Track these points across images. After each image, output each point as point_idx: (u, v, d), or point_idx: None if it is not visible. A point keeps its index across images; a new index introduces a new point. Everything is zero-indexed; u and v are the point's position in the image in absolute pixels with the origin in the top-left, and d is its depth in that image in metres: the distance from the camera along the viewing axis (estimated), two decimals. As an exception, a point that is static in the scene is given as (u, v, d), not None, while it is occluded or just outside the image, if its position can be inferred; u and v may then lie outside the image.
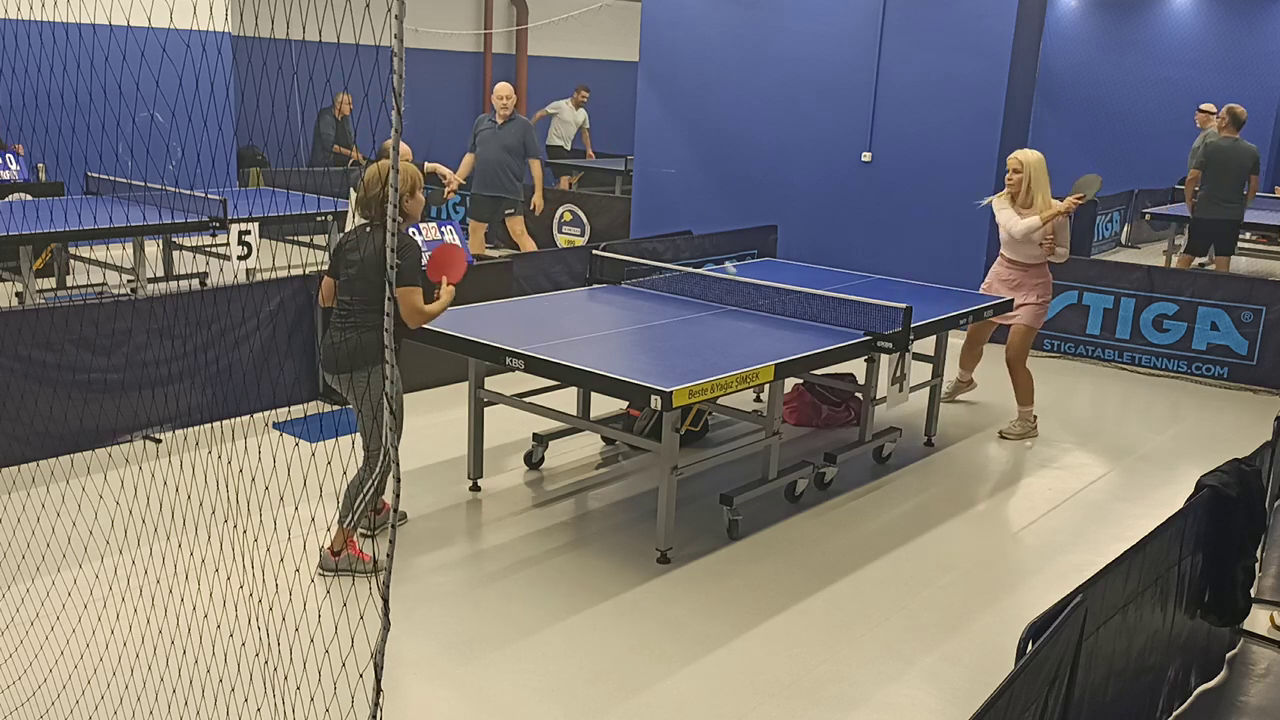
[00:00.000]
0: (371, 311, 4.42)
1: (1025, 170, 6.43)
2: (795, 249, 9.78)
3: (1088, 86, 16.17)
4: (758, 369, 4.78)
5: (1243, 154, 10.01)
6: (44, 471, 5.32)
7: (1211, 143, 10.19)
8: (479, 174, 9.29)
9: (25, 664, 3.71)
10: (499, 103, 9.17)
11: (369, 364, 4.42)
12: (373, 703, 2.56)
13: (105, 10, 7.32)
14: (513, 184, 9.29)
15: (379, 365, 4.36)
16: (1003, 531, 5.42)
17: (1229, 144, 10.05)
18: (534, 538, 5.09)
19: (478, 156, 9.27)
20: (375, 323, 4.38)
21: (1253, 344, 8.03)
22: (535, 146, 9.38)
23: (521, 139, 9.24)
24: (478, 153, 9.27)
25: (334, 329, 4.53)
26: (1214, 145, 10.13)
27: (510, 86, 9.30)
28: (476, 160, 9.26)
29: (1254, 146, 10.13)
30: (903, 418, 6.67)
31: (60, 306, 5.68)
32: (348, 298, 4.51)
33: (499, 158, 9.20)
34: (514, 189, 9.31)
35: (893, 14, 9.22)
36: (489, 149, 9.21)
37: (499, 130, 9.18)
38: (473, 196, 9.45)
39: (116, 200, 8.73)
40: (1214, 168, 10.08)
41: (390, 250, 2.51)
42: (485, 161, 9.23)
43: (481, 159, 9.25)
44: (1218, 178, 10.08)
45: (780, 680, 3.97)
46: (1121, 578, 3.02)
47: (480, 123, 9.37)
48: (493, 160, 9.20)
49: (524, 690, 3.84)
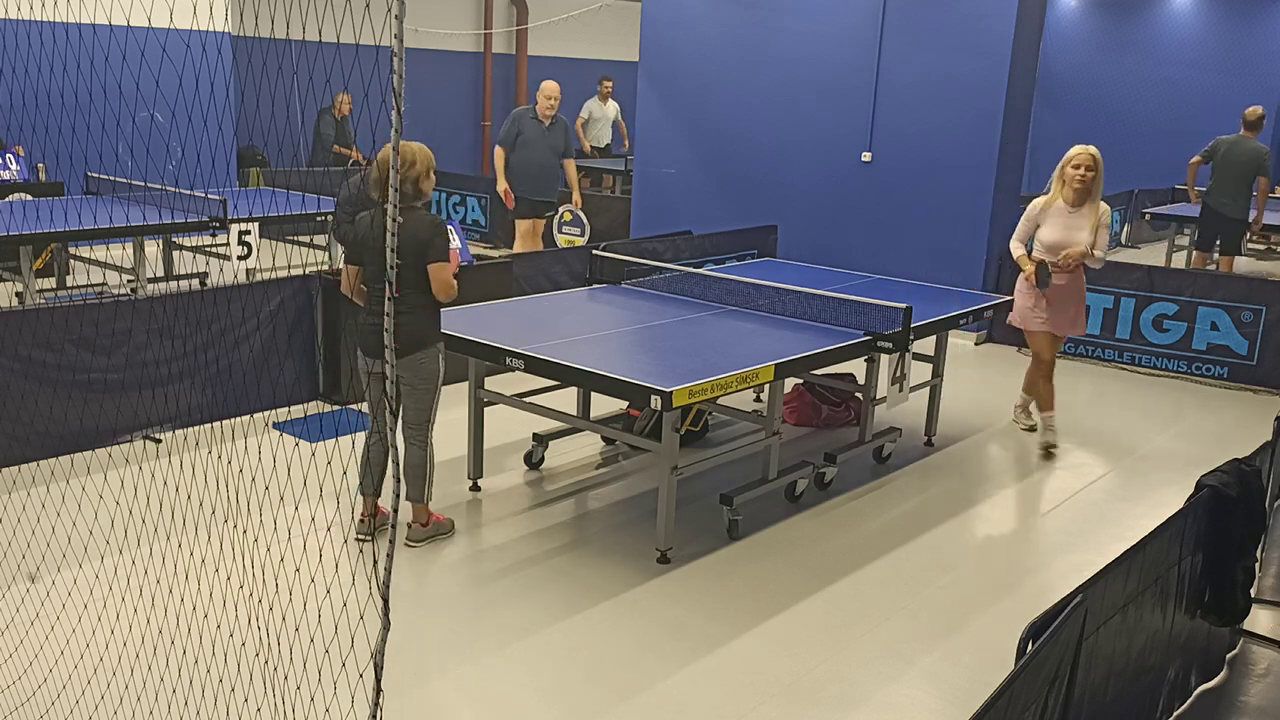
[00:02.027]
0: (416, 293, 4.63)
1: (1099, 167, 6.07)
2: (795, 249, 9.78)
3: (1088, 86, 16.17)
4: (758, 369, 4.78)
5: (1247, 152, 10.00)
6: (44, 471, 5.32)
7: (1221, 138, 10.22)
8: (527, 177, 9.04)
9: (25, 664, 3.70)
10: (547, 103, 8.90)
11: (427, 344, 4.70)
12: (373, 703, 2.56)
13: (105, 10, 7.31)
14: (557, 187, 9.14)
15: (435, 344, 4.73)
16: (1002, 532, 5.42)
17: (1234, 140, 10.07)
18: (534, 538, 5.09)
19: (523, 159, 8.98)
20: (424, 302, 4.65)
21: (1253, 344, 8.03)
22: (573, 147, 9.24)
23: (565, 140, 9.07)
24: (523, 155, 8.98)
25: (376, 315, 4.65)
26: (1221, 140, 10.16)
27: (558, 86, 9.01)
28: (520, 162, 8.99)
29: (1262, 147, 10.10)
30: (903, 418, 6.67)
31: (60, 306, 5.68)
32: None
33: (548, 161, 9.00)
34: (556, 192, 9.17)
35: (893, 14, 9.22)
36: (537, 152, 8.97)
37: (547, 132, 8.93)
38: (517, 198, 9.17)
39: (116, 200, 8.73)
40: (1217, 162, 10.11)
41: (390, 234, 2.51)
42: (534, 165, 8.99)
43: (530, 162, 8.98)
44: (1220, 173, 10.11)
45: (780, 680, 3.97)
46: (1121, 578, 3.02)
47: (521, 120, 9.07)
48: (543, 164, 8.99)
49: (524, 690, 3.84)
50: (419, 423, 4.80)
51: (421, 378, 4.73)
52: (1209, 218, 10.35)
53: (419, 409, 4.78)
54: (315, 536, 4.80)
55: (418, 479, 4.85)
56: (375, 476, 4.89)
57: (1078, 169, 6.06)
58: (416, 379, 4.72)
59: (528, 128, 9.04)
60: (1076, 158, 6.09)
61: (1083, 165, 6.06)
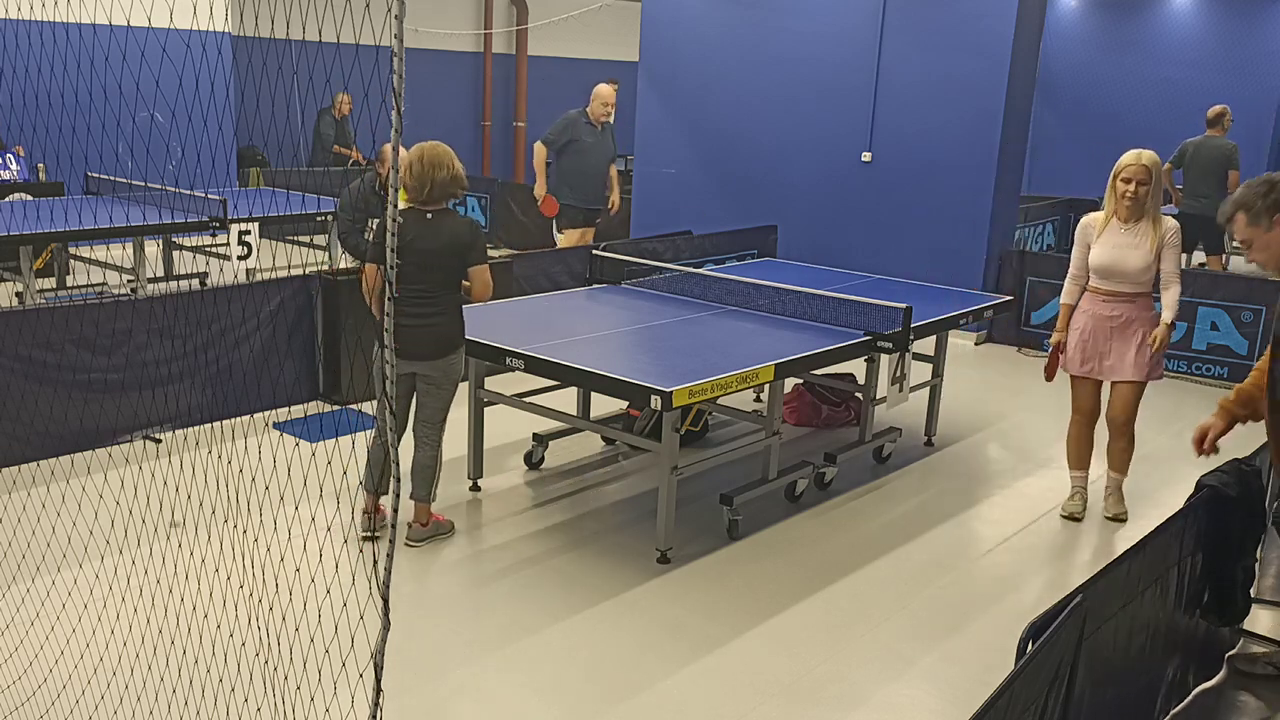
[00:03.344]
0: (451, 294, 4.71)
1: (1153, 178, 5.16)
2: (795, 249, 9.78)
3: (1088, 86, 16.16)
4: (758, 369, 4.78)
5: (1214, 149, 10.05)
6: (44, 471, 5.31)
7: (1188, 140, 10.26)
8: (582, 185, 8.68)
9: (25, 664, 3.70)
10: (603, 109, 8.56)
11: (458, 345, 4.79)
12: (373, 703, 2.56)
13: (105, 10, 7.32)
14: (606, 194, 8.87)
15: (463, 345, 4.82)
16: (1003, 531, 5.42)
17: (1200, 141, 10.13)
18: (534, 538, 5.09)
19: (577, 166, 8.62)
20: (457, 304, 4.76)
21: (1253, 344, 8.03)
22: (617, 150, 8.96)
23: (615, 143, 8.79)
24: (578, 162, 8.61)
25: (411, 316, 4.61)
26: (1188, 143, 10.23)
27: (614, 89, 8.67)
28: (575, 169, 8.63)
29: (1230, 143, 10.13)
30: (903, 418, 6.67)
31: (60, 306, 5.68)
32: (422, 285, 4.63)
33: (603, 168, 8.69)
34: (606, 199, 8.89)
35: (893, 14, 9.22)
36: (594, 159, 8.63)
37: (601, 138, 8.63)
38: (567, 206, 8.75)
39: (116, 200, 8.73)
40: (1186, 164, 10.16)
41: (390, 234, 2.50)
42: (589, 172, 8.65)
43: (585, 169, 8.64)
44: (1190, 175, 10.15)
45: (780, 680, 3.97)
46: (1121, 578, 3.02)
47: (577, 126, 8.62)
48: (598, 171, 8.68)
49: (524, 690, 3.84)
50: (436, 422, 4.84)
51: (450, 378, 4.79)
52: (1184, 221, 10.36)
53: (439, 408, 4.82)
54: (315, 536, 4.80)
55: (427, 479, 4.87)
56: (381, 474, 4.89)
57: (1127, 183, 5.15)
58: (445, 379, 4.77)
59: (584, 133, 8.60)
60: (1126, 169, 5.17)
61: (1133, 179, 5.13)
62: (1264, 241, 3.50)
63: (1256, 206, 3.47)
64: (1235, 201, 3.53)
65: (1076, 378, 5.47)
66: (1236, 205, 3.53)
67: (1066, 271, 5.45)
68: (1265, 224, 3.47)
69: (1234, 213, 3.54)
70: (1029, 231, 11.45)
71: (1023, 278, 8.94)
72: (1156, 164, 5.19)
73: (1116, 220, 5.25)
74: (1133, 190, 5.14)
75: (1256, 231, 3.50)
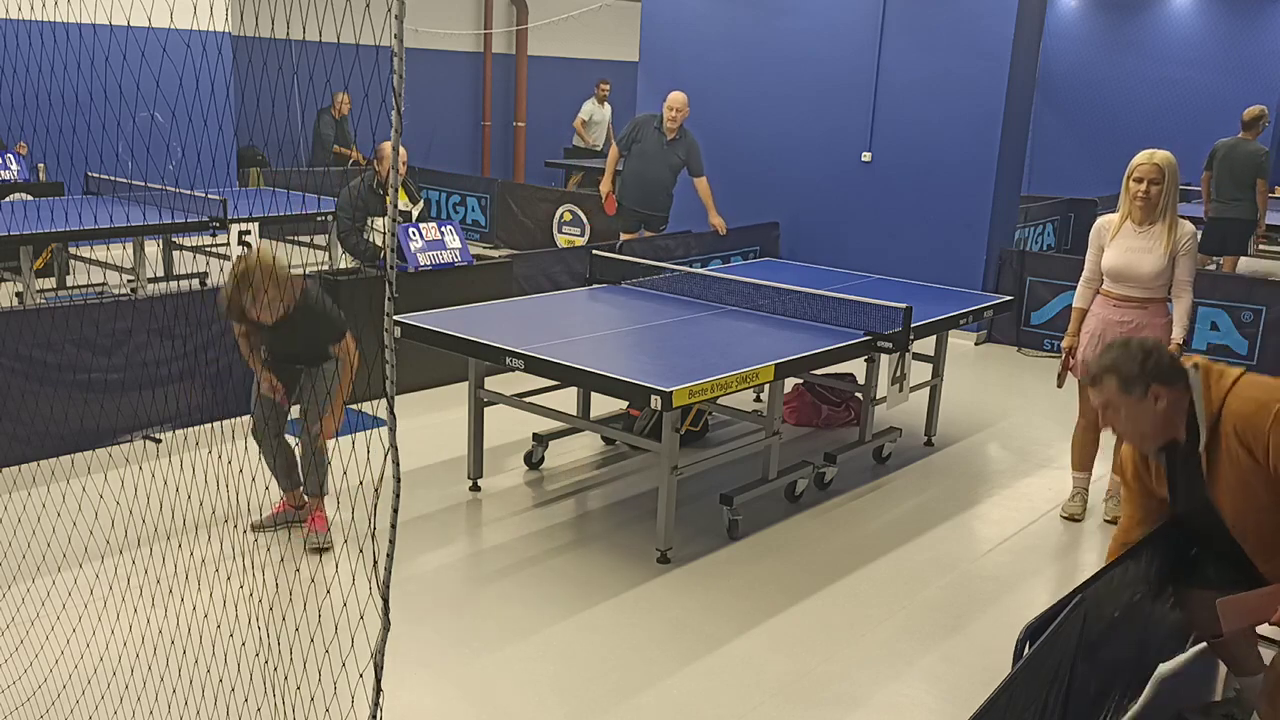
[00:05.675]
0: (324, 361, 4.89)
1: (1167, 179, 5.04)
2: (795, 249, 9.78)
3: (1088, 86, 16.16)
4: (758, 369, 4.78)
5: (1245, 154, 9.99)
6: (44, 471, 5.32)
7: (1220, 141, 10.21)
8: (640, 189, 8.71)
9: (25, 664, 3.71)
10: (670, 114, 8.52)
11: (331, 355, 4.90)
12: (373, 703, 2.56)
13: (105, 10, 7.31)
14: (668, 203, 8.83)
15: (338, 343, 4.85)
16: (1003, 531, 5.42)
17: (1232, 143, 10.07)
18: (534, 538, 5.09)
19: (634, 170, 8.66)
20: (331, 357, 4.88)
21: (1253, 344, 8.03)
22: (702, 164, 8.77)
23: (687, 157, 8.68)
24: (635, 166, 8.65)
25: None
26: (1220, 143, 10.15)
27: (684, 97, 8.57)
28: (631, 172, 8.69)
29: (1263, 148, 10.07)
30: (903, 418, 6.67)
31: (60, 306, 5.69)
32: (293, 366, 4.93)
33: (665, 177, 8.67)
34: (667, 207, 8.87)
35: (893, 13, 9.22)
36: (655, 166, 8.62)
37: (668, 147, 8.58)
38: (623, 208, 8.88)
39: (116, 200, 8.73)
40: (1216, 165, 10.11)
41: (390, 251, 2.50)
42: (648, 180, 8.66)
43: (640, 174, 8.66)
44: (1220, 177, 10.11)
45: (780, 680, 3.97)
46: (1121, 577, 3.02)
47: (643, 128, 8.65)
48: (655, 178, 8.66)
49: (524, 690, 3.84)
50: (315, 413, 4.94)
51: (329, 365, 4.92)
52: (1212, 225, 10.33)
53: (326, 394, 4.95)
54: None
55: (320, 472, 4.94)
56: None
57: (1139, 183, 5.03)
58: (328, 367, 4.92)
59: (647, 137, 8.59)
60: (1138, 169, 5.06)
61: (1145, 179, 5.02)
62: (1133, 412, 3.23)
63: (1132, 373, 3.20)
64: (1108, 365, 3.26)
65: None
66: (1108, 369, 3.26)
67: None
68: (1138, 393, 3.20)
69: (1103, 376, 3.27)
70: (1029, 231, 11.45)
71: (1023, 278, 8.94)
72: (1170, 164, 5.07)
73: (1131, 222, 5.14)
74: (1144, 190, 5.02)
75: (1126, 400, 3.22)
